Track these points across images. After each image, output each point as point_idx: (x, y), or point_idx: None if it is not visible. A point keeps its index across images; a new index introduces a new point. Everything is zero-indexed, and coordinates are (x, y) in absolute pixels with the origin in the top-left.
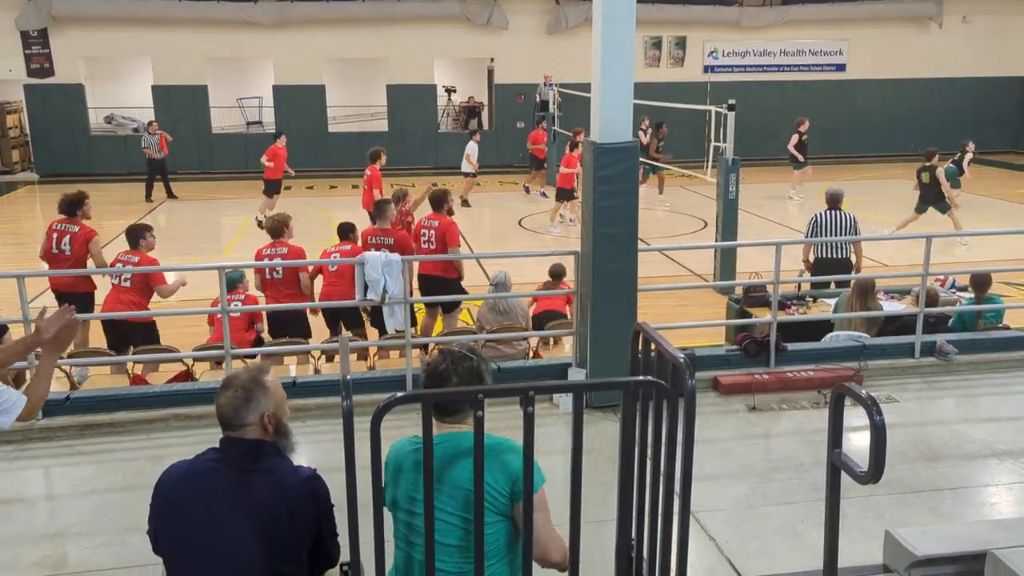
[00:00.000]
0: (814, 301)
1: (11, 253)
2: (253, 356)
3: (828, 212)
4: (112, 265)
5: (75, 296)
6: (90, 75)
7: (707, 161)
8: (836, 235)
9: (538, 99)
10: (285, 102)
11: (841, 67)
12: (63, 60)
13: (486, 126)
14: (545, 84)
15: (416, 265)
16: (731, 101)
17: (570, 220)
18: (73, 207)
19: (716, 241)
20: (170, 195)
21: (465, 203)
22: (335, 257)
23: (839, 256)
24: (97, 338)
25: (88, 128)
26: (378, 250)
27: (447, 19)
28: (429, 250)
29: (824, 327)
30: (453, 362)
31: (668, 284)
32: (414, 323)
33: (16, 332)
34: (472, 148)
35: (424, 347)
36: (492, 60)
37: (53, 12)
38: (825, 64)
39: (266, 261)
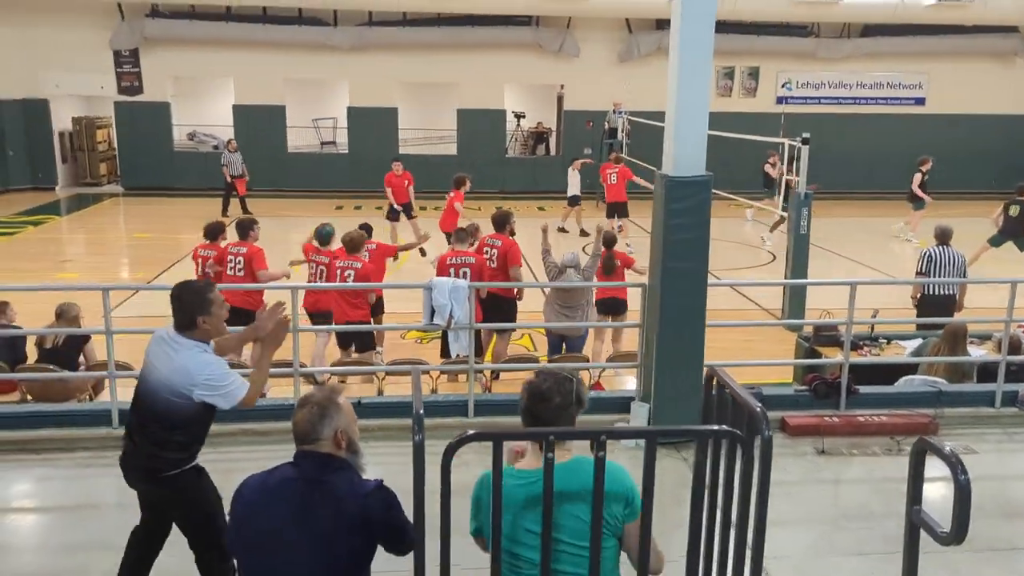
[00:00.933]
0: (888, 342)
1: (95, 262)
2: (311, 375)
3: (940, 248)
4: (223, 254)
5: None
6: (176, 93)
7: (779, 194)
8: (947, 273)
9: (607, 126)
10: (358, 123)
11: (920, 101)
12: (152, 79)
13: (553, 152)
14: (615, 111)
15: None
16: (805, 135)
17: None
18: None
19: (786, 277)
20: (245, 212)
21: (562, 230)
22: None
23: (947, 293)
24: None
25: (172, 144)
26: (458, 272)
27: (519, 46)
28: (490, 268)
29: (898, 370)
30: (556, 382)
31: (736, 321)
32: (479, 351)
33: (98, 342)
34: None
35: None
36: (562, 86)
37: (145, 33)
38: (904, 97)
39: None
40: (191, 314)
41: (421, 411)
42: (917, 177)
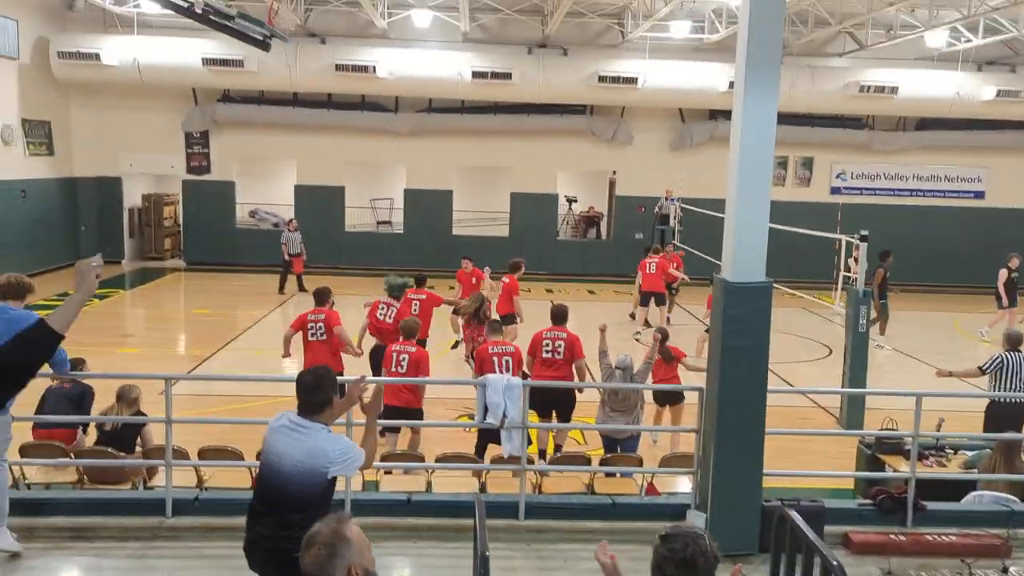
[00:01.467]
0: (955, 452)
1: (155, 338)
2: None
3: (1012, 355)
4: (303, 321)
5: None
6: (241, 173)
7: (836, 289)
8: (1019, 381)
9: (658, 212)
10: (414, 204)
11: (980, 194)
12: (219, 159)
13: (604, 236)
14: (667, 199)
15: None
16: (863, 232)
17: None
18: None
19: (844, 375)
20: (301, 288)
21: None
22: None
23: (1019, 403)
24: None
25: (234, 221)
26: (500, 360)
27: (573, 133)
28: (554, 359)
29: (965, 484)
30: (694, 544)
31: (797, 429)
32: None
33: (157, 431)
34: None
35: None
36: (614, 172)
37: (215, 117)
38: (962, 191)
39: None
40: (327, 396)
41: (487, 553)
42: (1003, 274)
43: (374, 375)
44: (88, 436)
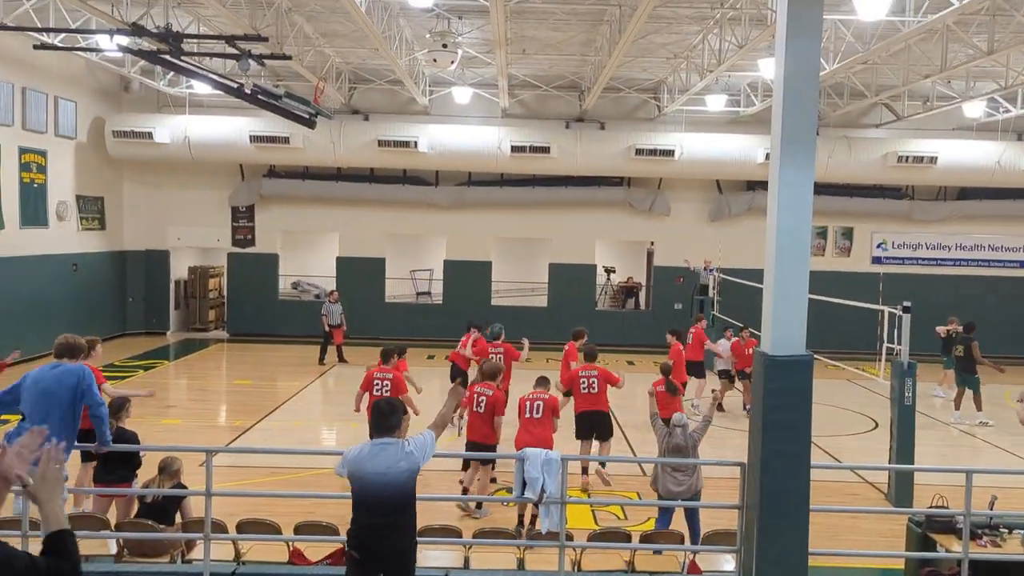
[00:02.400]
0: (1010, 532)
1: (197, 409)
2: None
3: None
4: (370, 379)
5: None
6: (284, 245)
7: (880, 361)
8: None
9: (695, 270)
10: (454, 276)
11: None
12: (263, 232)
13: (643, 306)
14: (705, 269)
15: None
16: (906, 303)
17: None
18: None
19: (891, 450)
20: (341, 359)
21: (719, 408)
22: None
23: None
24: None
25: (277, 293)
26: (533, 404)
27: (611, 204)
28: (590, 393)
29: (1021, 566)
30: None
31: (843, 506)
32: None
33: (197, 503)
34: (724, 345)
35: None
36: (652, 243)
37: (261, 191)
38: (1007, 260)
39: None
40: (398, 419)
41: None
42: None
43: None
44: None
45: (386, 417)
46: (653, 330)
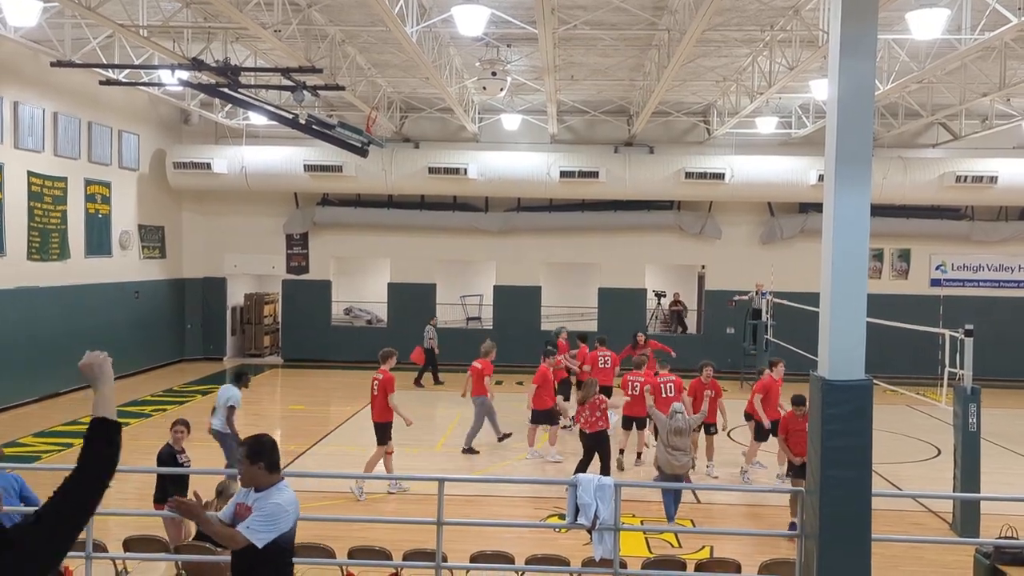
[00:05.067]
0: None
1: (252, 433)
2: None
3: None
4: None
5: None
6: (336, 272)
7: (941, 386)
8: None
9: (749, 298)
10: (503, 301)
11: None
12: (317, 259)
13: (693, 330)
14: (758, 292)
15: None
16: (968, 326)
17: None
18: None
19: (955, 478)
20: (436, 381)
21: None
22: None
23: None
24: None
25: (330, 319)
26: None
27: (661, 228)
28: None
29: None
30: None
31: (907, 536)
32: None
33: None
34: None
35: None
36: (703, 267)
37: (315, 219)
38: None
39: None
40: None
41: None
42: None
43: None
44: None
45: (277, 451)
46: (705, 354)
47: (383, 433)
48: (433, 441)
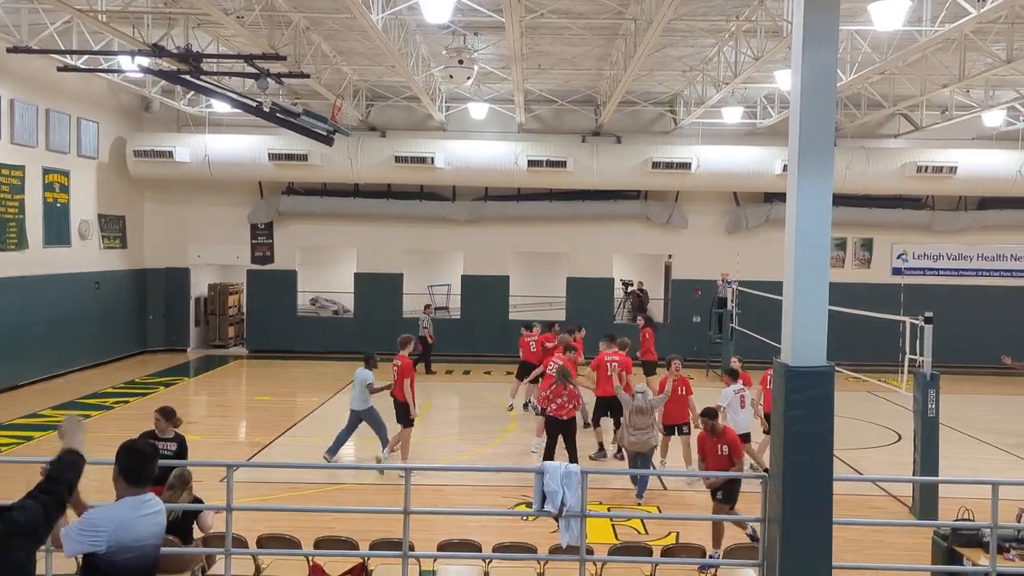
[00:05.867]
0: None
1: (217, 424)
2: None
3: None
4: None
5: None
6: (302, 262)
7: (902, 373)
8: None
9: (716, 295)
10: (472, 291)
11: None
12: (282, 249)
13: (661, 319)
14: (723, 282)
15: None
16: (928, 314)
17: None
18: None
19: (915, 462)
20: (428, 371)
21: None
22: None
23: None
24: None
25: (296, 309)
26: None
27: (628, 218)
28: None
29: None
30: None
31: (867, 519)
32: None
33: (218, 518)
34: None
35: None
36: (670, 256)
37: (280, 208)
38: None
39: None
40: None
41: None
42: None
43: None
44: None
45: (149, 462)
46: (672, 343)
47: (403, 414)
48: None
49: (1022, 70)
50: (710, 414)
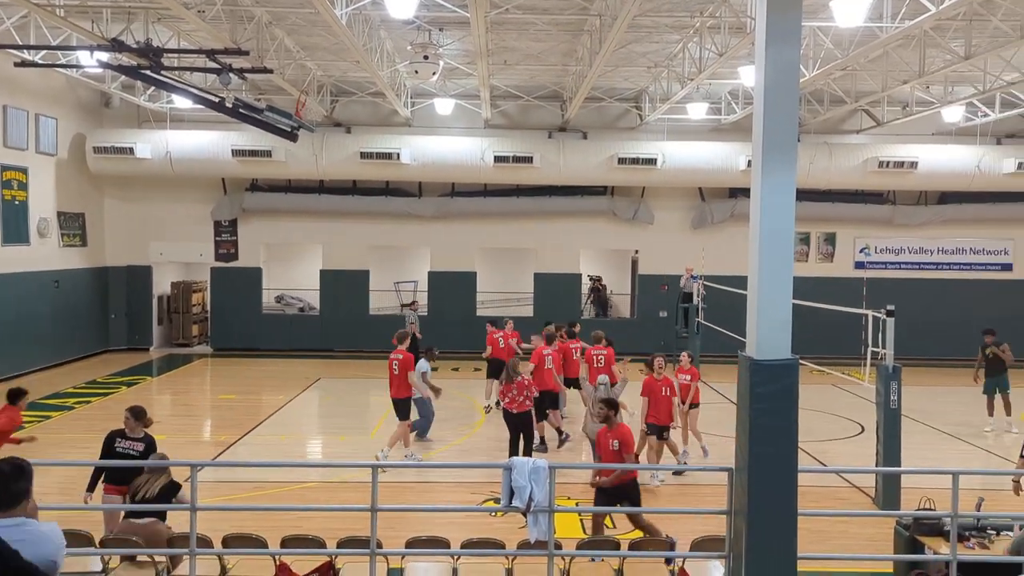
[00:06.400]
0: (997, 534)
1: (181, 424)
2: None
3: None
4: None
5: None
6: (267, 259)
7: (865, 366)
8: None
9: (681, 290)
10: (439, 287)
11: (1007, 266)
12: (247, 246)
13: (628, 314)
14: (688, 276)
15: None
16: (890, 307)
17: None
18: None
19: (877, 454)
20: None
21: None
22: None
23: None
24: None
25: (261, 307)
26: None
27: (595, 214)
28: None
29: (1010, 567)
30: None
31: (831, 510)
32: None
33: (185, 516)
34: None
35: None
36: (636, 251)
37: (244, 205)
38: (989, 263)
39: None
40: (29, 485)
41: None
42: None
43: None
44: None
45: (10, 483)
46: (638, 339)
47: (403, 409)
48: (367, 428)
49: (980, 66)
50: (610, 404)
